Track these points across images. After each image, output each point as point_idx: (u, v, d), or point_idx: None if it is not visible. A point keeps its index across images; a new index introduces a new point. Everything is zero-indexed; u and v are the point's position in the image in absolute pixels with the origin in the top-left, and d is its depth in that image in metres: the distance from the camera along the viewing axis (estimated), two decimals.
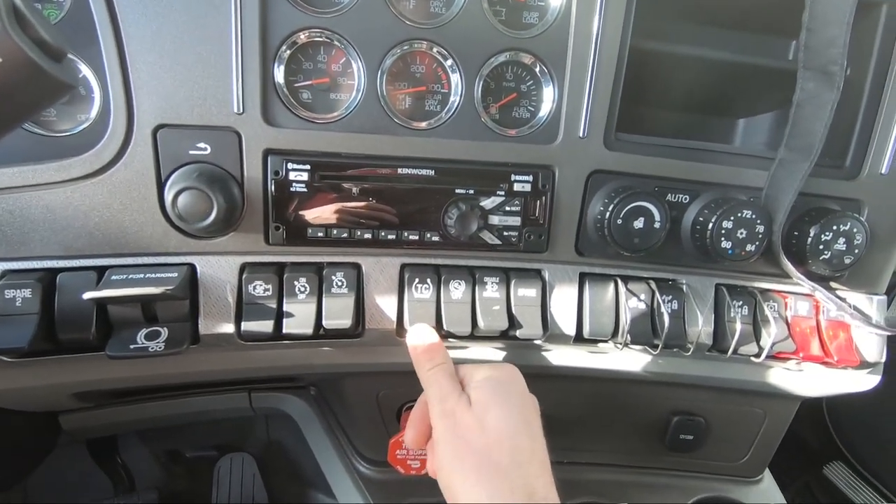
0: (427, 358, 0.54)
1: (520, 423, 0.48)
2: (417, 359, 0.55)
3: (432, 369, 0.52)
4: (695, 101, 0.80)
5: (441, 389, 0.50)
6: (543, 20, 0.63)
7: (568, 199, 0.65)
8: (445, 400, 0.49)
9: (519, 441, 0.47)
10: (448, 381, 0.51)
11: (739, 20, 0.73)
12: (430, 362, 0.53)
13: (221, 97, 0.57)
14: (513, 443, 0.46)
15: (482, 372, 0.52)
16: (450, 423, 0.48)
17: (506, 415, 0.48)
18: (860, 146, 0.68)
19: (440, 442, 0.48)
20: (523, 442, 0.47)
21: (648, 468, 0.92)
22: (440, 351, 0.55)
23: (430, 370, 0.53)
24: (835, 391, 0.76)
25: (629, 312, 0.67)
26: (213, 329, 0.60)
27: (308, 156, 0.60)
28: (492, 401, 0.48)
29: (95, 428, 0.93)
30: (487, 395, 0.49)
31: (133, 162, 0.57)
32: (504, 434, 0.46)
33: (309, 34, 0.59)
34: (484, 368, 0.53)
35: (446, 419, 0.48)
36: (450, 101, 0.63)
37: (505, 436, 0.46)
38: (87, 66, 0.57)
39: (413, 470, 0.73)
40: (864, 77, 0.67)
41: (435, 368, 0.53)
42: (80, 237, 0.57)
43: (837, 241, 0.65)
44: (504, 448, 0.45)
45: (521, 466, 0.45)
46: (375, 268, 0.64)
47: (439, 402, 0.50)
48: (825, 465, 1.48)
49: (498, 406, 0.48)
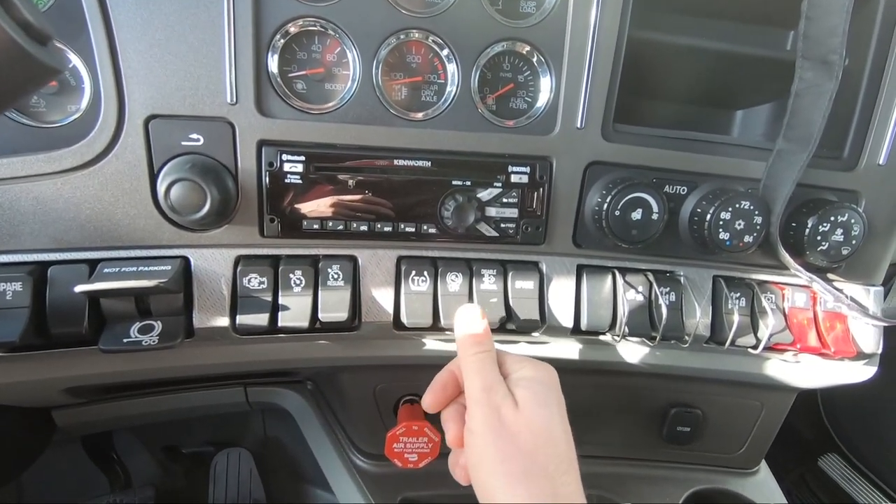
0: (473, 342, 0.52)
1: (561, 430, 0.47)
2: (463, 341, 0.53)
3: (478, 353, 0.51)
4: (693, 93, 0.80)
5: (486, 378, 0.49)
6: (541, 9, 0.62)
7: (565, 190, 0.65)
8: (491, 391, 0.48)
9: (562, 448, 0.46)
10: (494, 372, 0.49)
11: (737, 11, 0.72)
12: (477, 347, 0.51)
13: (214, 87, 0.56)
14: (557, 450, 0.45)
15: (525, 369, 0.51)
16: (494, 419, 0.46)
17: (550, 419, 0.47)
18: (858, 137, 0.68)
19: (481, 435, 0.46)
20: (564, 449, 0.46)
21: (646, 460, 0.92)
22: (488, 338, 0.53)
23: (476, 354, 0.51)
24: (831, 382, 0.77)
25: (627, 304, 0.66)
26: (207, 323, 0.60)
27: (303, 147, 0.59)
28: (538, 403, 0.47)
29: (90, 424, 0.92)
30: (533, 395, 0.48)
31: (124, 153, 0.56)
32: (550, 439, 0.46)
33: (303, 23, 0.58)
34: (527, 366, 0.51)
35: (491, 413, 0.46)
36: (446, 91, 0.62)
37: (550, 441, 0.46)
38: (76, 56, 0.56)
39: (410, 463, 0.73)
40: (863, 67, 0.67)
41: (482, 353, 0.51)
42: (71, 229, 0.57)
43: (835, 232, 0.65)
44: (550, 454, 0.45)
45: (564, 474, 0.44)
46: (372, 260, 0.63)
47: (483, 391, 0.48)
48: (820, 457, 1.50)
49: (544, 408, 0.47)
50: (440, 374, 0.55)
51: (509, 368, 0.51)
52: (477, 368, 0.50)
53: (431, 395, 0.54)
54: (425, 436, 0.71)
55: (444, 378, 0.54)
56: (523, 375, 0.50)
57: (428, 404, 0.54)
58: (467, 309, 0.55)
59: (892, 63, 0.66)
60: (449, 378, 0.54)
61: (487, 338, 0.53)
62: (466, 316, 0.54)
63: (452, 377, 0.54)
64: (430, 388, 0.54)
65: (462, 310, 0.55)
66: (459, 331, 0.54)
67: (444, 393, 0.54)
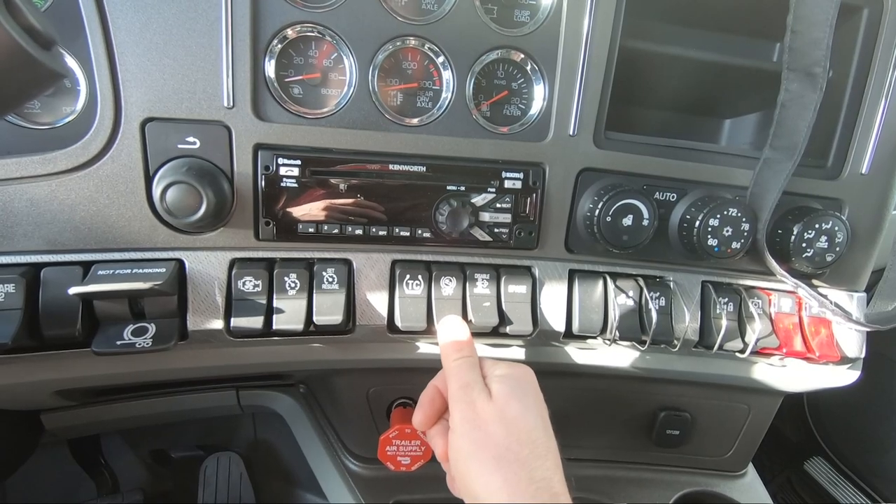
0: (455, 349, 0.54)
1: (538, 419, 0.49)
2: (445, 349, 0.55)
3: (458, 360, 0.53)
4: (682, 101, 0.81)
5: (463, 378, 0.51)
6: (535, 19, 0.63)
7: (558, 196, 0.66)
8: (467, 389, 0.50)
9: (537, 436, 0.47)
10: (472, 372, 0.52)
11: (726, 22, 0.74)
12: (458, 353, 0.54)
13: (211, 91, 0.57)
14: (531, 436, 0.47)
15: (501, 368, 0.53)
16: (470, 412, 0.48)
17: (525, 410, 0.49)
18: (842, 147, 0.70)
19: (458, 429, 0.48)
20: (540, 437, 0.47)
21: (635, 463, 0.93)
22: (469, 345, 0.56)
23: (457, 360, 0.53)
24: (816, 386, 0.78)
25: (617, 309, 0.67)
26: (201, 325, 0.60)
27: (299, 151, 0.60)
28: (512, 395, 0.49)
29: (79, 427, 0.91)
30: (507, 389, 0.50)
31: (120, 155, 0.56)
32: (523, 427, 0.47)
33: (300, 28, 0.59)
34: (502, 365, 0.53)
35: (467, 408, 0.49)
36: (441, 97, 0.63)
37: (524, 429, 0.47)
38: (73, 58, 0.56)
39: (403, 466, 0.73)
40: (846, 79, 0.69)
41: (461, 359, 0.53)
42: (64, 231, 0.56)
43: (819, 239, 0.67)
44: (523, 441, 0.46)
45: (539, 459, 0.46)
46: (366, 264, 0.64)
47: (461, 390, 0.50)
48: (806, 461, 1.52)
49: (518, 400, 0.49)
50: (425, 391, 0.57)
51: (487, 370, 0.53)
52: (456, 372, 0.52)
53: (421, 413, 0.55)
54: (418, 439, 0.72)
55: (430, 394, 0.56)
56: (499, 373, 0.52)
57: (419, 422, 0.56)
58: (450, 319, 0.59)
59: (874, 75, 0.68)
60: (435, 393, 0.56)
61: (469, 345, 0.56)
62: (449, 325, 0.58)
63: (437, 392, 0.56)
64: (419, 406, 0.56)
65: (445, 320, 0.59)
66: (442, 339, 0.57)
67: (433, 407, 0.55)
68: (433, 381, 0.57)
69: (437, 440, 0.54)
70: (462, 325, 0.58)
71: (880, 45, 0.67)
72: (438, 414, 0.56)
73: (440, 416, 0.56)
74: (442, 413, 0.56)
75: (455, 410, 0.49)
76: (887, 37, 0.67)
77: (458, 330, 0.57)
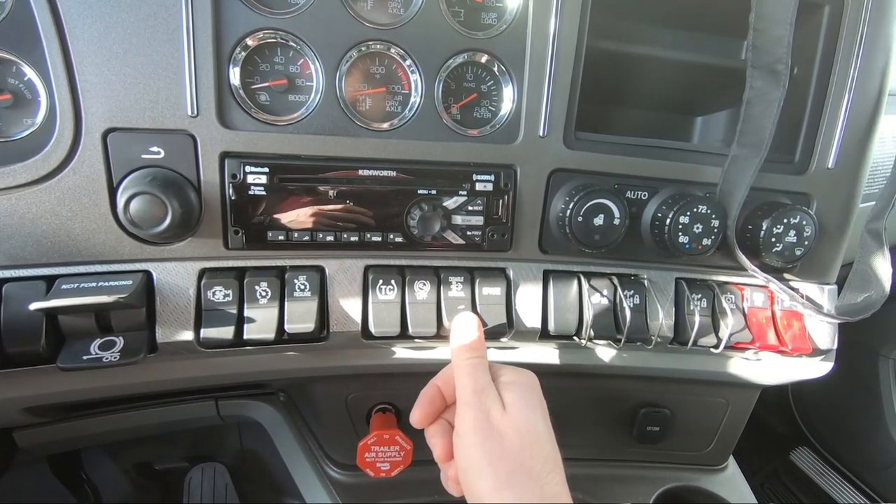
0: (468, 348, 0.53)
1: (547, 431, 0.48)
2: (458, 348, 0.54)
3: (472, 359, 0.52)
4: (653, 100, 0.82)
5: (478, 382, 0.50)
6: (502, 20, 0.63)
7: (530, 197, 0.66)
8: (482, 394, 0.49)
9: (548, 450, 0.47)
10: (485, 376, 0.51)
11: (693, 21, 0.75)
12: (472, 352, 0.53)
13: (174, 100, 0.56)
14: (543, 451, 0.46)
15: (508, 374, 0.52)
16: (484, 421, 0.47)
17: (535, 422, 0.48)
18: (808, 142, 0.71)
19: (470, 437, 0.47)
20: (551, 451, 0.47)
21: (617, 461, 0.94)
22: (482, 344, 0.55)
23: (470, 360, 0.52)
24: (791, 378, 0.79)
25: (592, 308, 0.68)
26: (171, 337, 0.59)
27: (267, 158, 0.59)
28: (525, 406, 0.49)
29: (55, 443, 0.90)
30: (520, 399, 0.49)
31: (82, 167, 0.55)
32: (536, 441, 0.47)
33: (262, 35, 0.58)
34: (508, 371, 0.53)
35: (481, 415, 0.47)
36: (410, 101, 0.63)
37: (537, 443, 0.47)
38: (31, 69, 0.55)
39: (383, 472, 0.73)
40: (810, 75, 0.70)
41: (475, 359, 0.52)
42: (26, 246, 0.55)
43: (788, 233, 0.67)
44: (535, 455, 0.46)
45: (550, 474, 0.45)
46: (339, 270, 0.63)
47: (475, 394, 0.49)
48: (791, 451, 1.54)
49: (531, 411, 0.48)
50: (426, 389, 0.56)
51: (495, 374, 0.52)
52: (470, 373, 0.51)
53: (420, 411, 0.54)
54: (396, 444, 0.71)
55: (431, 393, 0.55)
56: (509, 380, 0.51)
57: (417, 420, 0.54)
58: (464, 317, 0.57)
59: (837, 71, 0.69)
60: (435, 392, 0.55)
61: (481, 344, 0.54)
62: (463, 323, 0.56)
63: (438, 391, 0.55)
64: (418, 404, 0.54)
65: (459, 318, 0.57)
66: (455, 337, 0.55)
67: (433, 407, 0.54)
68: (434, 380, 0.56)
69: (436, 440, 0.53)
70: (476, 322, 0.56)
71: (842, 42, 0.68)
72: (438, 413, 0.54)
73: (439, 416, 0.55)
74: (441, 412, 0.55)
75: (467, 416, 0.48)
76: (848, 33, 0.68)
77: (471, 328, 0.55)
